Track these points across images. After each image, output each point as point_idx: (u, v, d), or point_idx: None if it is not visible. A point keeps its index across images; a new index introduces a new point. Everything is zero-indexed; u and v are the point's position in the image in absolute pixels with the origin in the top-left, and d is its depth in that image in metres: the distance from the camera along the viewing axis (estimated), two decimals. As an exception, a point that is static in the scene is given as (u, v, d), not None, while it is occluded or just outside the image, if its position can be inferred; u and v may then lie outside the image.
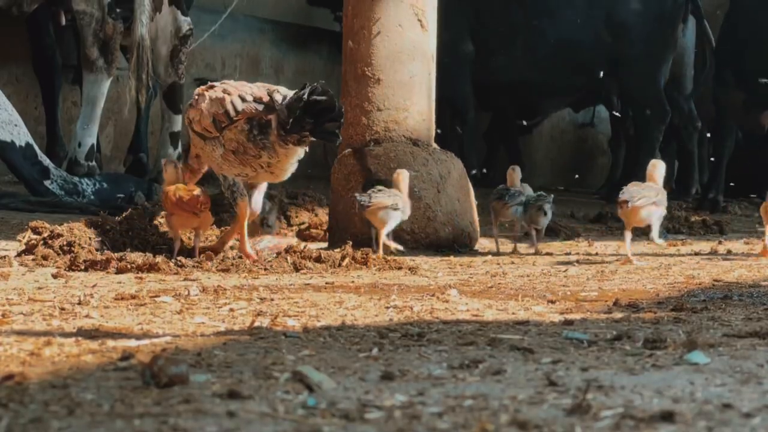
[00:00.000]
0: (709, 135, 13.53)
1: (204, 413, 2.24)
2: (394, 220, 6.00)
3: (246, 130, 5.24)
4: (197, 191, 5.44)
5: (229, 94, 5.30)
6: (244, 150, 5.27)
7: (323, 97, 5.06)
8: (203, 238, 5.66)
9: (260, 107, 5.23)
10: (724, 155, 11.65)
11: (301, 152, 5.29)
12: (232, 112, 5.25)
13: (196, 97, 5.43)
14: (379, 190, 6.03)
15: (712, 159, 12.29)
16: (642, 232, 8.24)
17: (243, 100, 5.25)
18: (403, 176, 6.14)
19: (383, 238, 5.99)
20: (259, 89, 5.30)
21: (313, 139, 5.19)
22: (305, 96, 5.05)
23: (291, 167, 5.39)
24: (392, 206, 5.97)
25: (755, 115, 11.89)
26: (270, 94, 5.23)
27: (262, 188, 5.59)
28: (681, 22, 11.94)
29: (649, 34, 11.73)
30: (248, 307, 3.89)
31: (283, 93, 5.23)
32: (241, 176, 5.41)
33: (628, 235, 6.04)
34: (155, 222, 5.79)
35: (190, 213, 5.39)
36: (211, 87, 5.42)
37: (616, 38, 11.70)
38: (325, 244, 6.67)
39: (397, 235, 6.49)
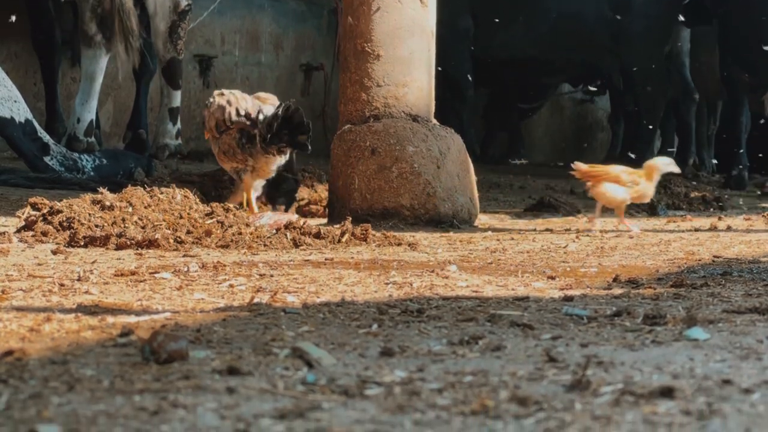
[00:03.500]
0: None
1: (203, 389, 2.24)
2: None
3: (236, 138, 6.07)
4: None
5: (230, 104, 6.11)
6: (233, 153, 6.09)
7: (295, 114, 5.94)
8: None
9: (248, 123, 6.05)
10: (742, 131, 11.62)
11: (281, 159, 6.07)
12: (228, 122, 6.09)
13: (210, 100, 6.22)
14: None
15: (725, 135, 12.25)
16: (643, 209, 8.24)
17: (238, 113, 6.08)
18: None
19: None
20: (253, 105, 6.10)
21: (289, 148, 6.07)
22: (280, 113, 5.95)
23: (273, 170, 6.14)
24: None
25: (757, 95, 11.88)
26: (257, 112, 6.06)
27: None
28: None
29: (651, 9, 11.69)
30: (248, 283, 3.89)
31: (266, 111, 6.03)
32: (232, 172, 6.23)
33: None
34: (154, 198, 5.78)
35: None
36: (221, 94, 6.19)
37: (618, 14, 11.66)
38: (324, 220, 6.67)
39: (396, 211, 6.48)
